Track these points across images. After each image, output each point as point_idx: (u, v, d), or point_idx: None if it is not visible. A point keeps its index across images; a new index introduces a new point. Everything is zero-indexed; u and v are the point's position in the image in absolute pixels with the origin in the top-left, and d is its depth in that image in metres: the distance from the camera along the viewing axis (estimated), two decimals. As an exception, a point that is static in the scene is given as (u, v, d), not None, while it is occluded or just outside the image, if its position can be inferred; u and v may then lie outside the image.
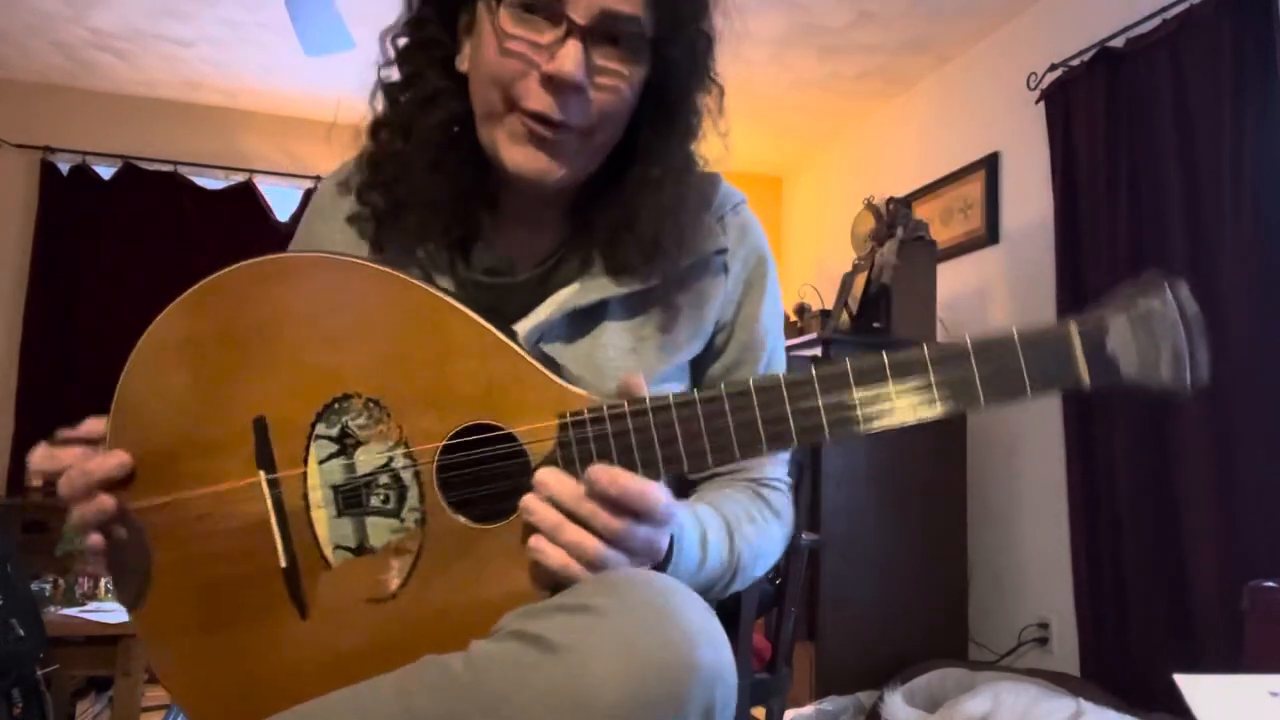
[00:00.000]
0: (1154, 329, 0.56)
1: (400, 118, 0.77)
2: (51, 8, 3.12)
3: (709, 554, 0.70)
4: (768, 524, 0.80)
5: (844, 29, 3.18)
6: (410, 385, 0.64)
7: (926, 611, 2.85)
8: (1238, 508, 2.13)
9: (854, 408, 0.58)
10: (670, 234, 0.75)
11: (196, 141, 3.88)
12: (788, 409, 0.59)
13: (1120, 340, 0.56)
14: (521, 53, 0.70)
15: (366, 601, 0.63)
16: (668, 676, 0.50)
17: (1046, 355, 0.57)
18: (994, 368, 0.57)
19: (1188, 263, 2.28)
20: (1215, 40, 2.24)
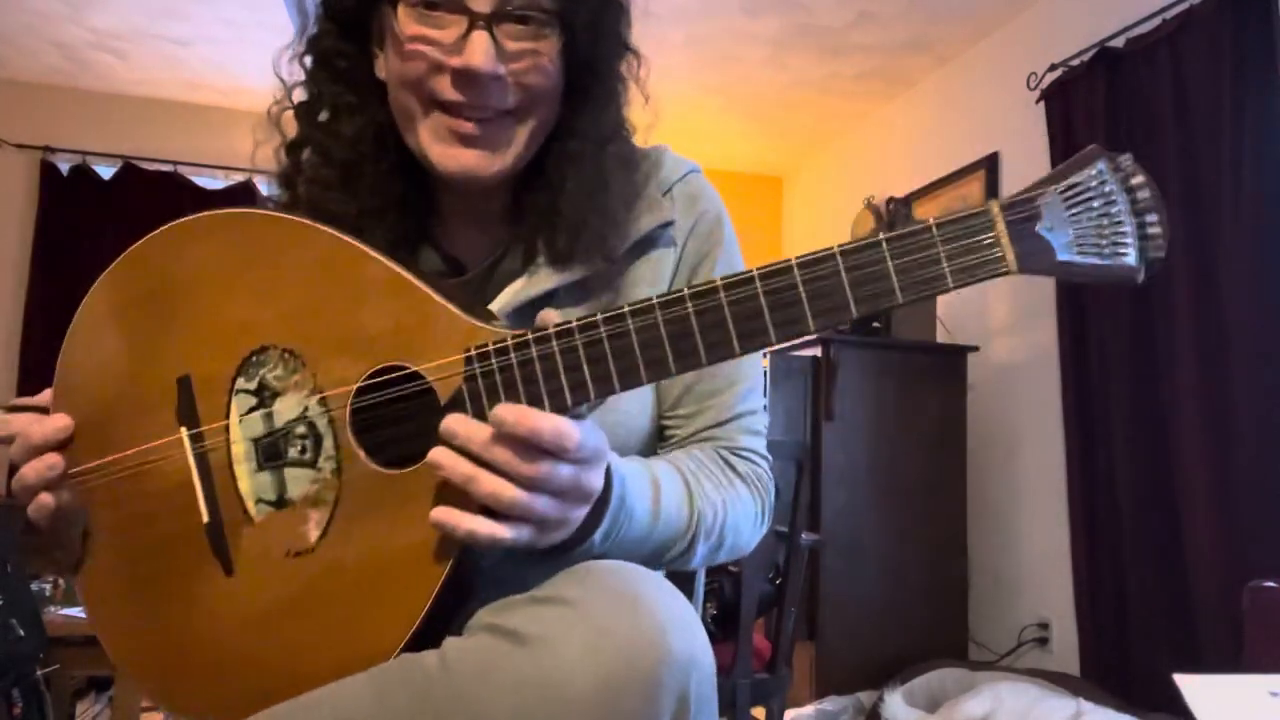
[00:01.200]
0: (1091, 203, 0.52)
1: (310, 135, 0.76)
2: (51, 8, 3.12)
3: (662, 506, 0.67)
4: (734, 489, 0.77)
5: (844, 29, 3.18)
6: (323, 332, 0.63)
7: (926, 611, 2.85)
8: (1238, 508, 2.13)
9: (762, 314, 0.54)
10: (596, 209, 0.73)
11: (196, 141, 3.88)
12: (694, 324, 0.55)
13: (1054, 219, 0.52)
14: (427, 52, 0.68)
15: (288, 555, 0.63)
16: (639, 664, 0.50)
17: (967, 240, 0.52)
18: (910, 258, 0.52)
19: (1188, 263, 2.28)
20: (1215, 40, 2.24)
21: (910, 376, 2.88)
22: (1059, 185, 0.52)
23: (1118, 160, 0.53)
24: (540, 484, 0.55)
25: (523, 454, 0.54)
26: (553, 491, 0.55)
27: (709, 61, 3.45)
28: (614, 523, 0.62)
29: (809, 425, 2.79)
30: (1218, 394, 2.19)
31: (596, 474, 0.58)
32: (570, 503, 0.57)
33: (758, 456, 0.82)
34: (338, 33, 0.75)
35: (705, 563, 0.77)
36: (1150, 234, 0.52)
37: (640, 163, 0.81)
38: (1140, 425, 2.40)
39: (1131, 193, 0.52)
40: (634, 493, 0.64)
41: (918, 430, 2.87)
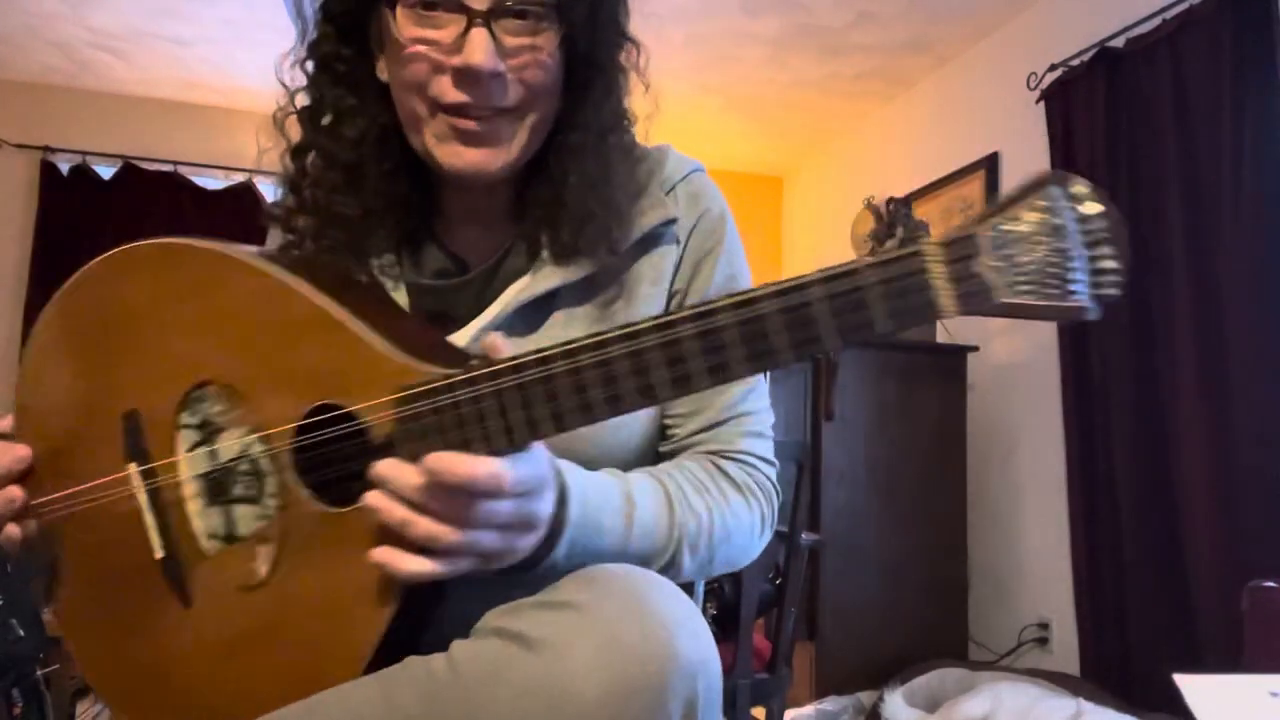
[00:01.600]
0: (1038, 237, 0.47)
1: (313, 139, 0.76)
2: (51, 8, 3.12)
3: (637, 520, 0.66)
4: (724, 498, 0.75)
5: (844, 29, 3.18)
6: (259, 369, 0.63)
7: (926, 611, 2.85)
8: (1238, 508, 2.13)
9: (685, 360, 0.51)
10: (600, 201, 0.73)
11: (196, 141, 3.88)
12: (619, 368, 0.52)
13: (997, 255, 0.47)
14: (428, 53, 0.68)
15: (241, 589, 0.63)
16: (648, 668, 0.50)
17: (901, 282, 0.48)
18: (841, 299, 0.49)
19: (1187, 262, 2.28)
20: (1215, 40, 2.24)
21: (910, 376, 2.88)
22: (1002, 218, 0.47)
23: (1072, 187, 0.48)
24: (478, 525, 0.55)
25: (457, 499, 0.54)
26: (493, 528, 0.55)
27: (709, 61, 3.45)
28: (574, 542, 0.61)
29: (809, 425, 2.79)
30: (1218, 394, 2.19)
31: (541, 502, 0.58)
32: (515, 534, 0.57)
33: (757, 460, 0.80)
34: (337, 36, 0.75)
35: (698, 575, 0.74)
36: (1103, 268, 0.47)
37: (642, 155, 0.81)
38: (1140, 425, 2.40)
39: (1085, 223, 0.47)
40: (602, 508, 0.64)
41: (918, 430, 2.87)
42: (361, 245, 0.76)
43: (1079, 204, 0.47)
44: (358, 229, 0.75)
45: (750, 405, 0.81)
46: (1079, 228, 0.47)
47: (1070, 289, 0.47)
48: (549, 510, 0.58)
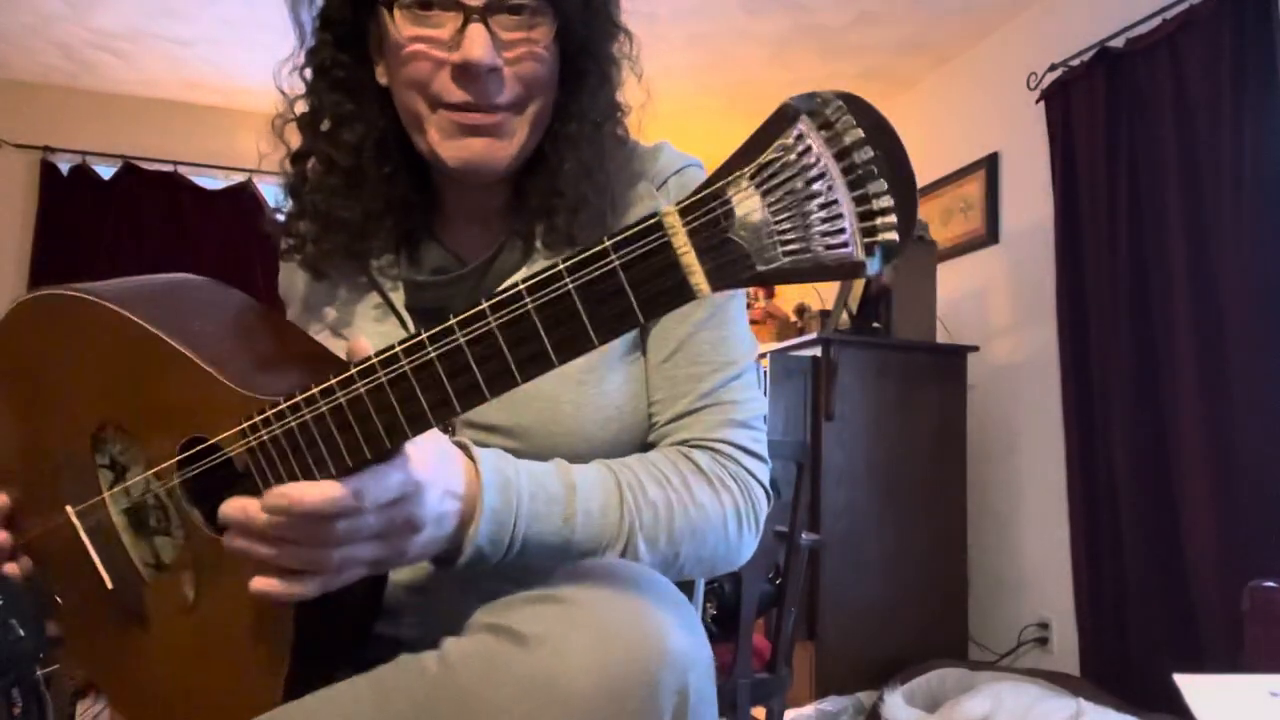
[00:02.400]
0: (791, 182, 0.39)
1: (313, 145, 0.78)
2: (51, 8, 3.12)
3: (578, 508, 0.64)
4: (689, 490, 0.71)
5: (844, 29, 3.18)
6: (139, 409, 0.65)
7: (926, 611, 2.85)
8: (1238, 508, 2.13)
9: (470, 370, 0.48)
10: (595, 188, 0.74)
11: (196, 141, 3.88)
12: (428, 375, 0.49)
13: (749, 214, 0.40)
14: (426, 51, 0.70)
15: (179, 612, 0.65)
16: (641, 663, 0.50)
17: (645, 261, 0.42)
18: (595, 289, 0.43)
19: (1188, 263, 2.28)
20: (1215, 40, 2.25)
21: (910, 376, 2.88)
22: (748, 168, 0.40)
23: (824, 111, 0.39)
24: (341, 543, 0.53)
25: (310, 527, 0.52)
26: (362, 541, 0.54)
27: (709, 61, 3.45)
28: (497, 531, 0.60)
29: (809, 425, 2.79)
30: (1218, 394, 2.19)
31: (416, 505, 0.55)
32: (395, 539, 0.56)
33: (736, 450, 0.75)
34: (334, 43, 0.76)
35: (666, 573, 0.68)
36: (875, 210, 0.39)
37: (637, 149, 0.82)
38: (1140, 425, 2.40)
39: (845, 157, 0.39)
40: (535, 495, 0.62)
41: (918, 430, 2.87)
42: (361, 247, 0.78)
43: (839, 133, 0.39)
44: (357, 231, 0.76)
45: (733, 394, 0.77)
46: (838, 165, 0.39)
47: (834, 242, 0.39)
48: (434, 509, 0.56)
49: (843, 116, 0.39)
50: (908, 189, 0.39)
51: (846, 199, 0.39)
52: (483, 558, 0.60)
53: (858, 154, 0.39)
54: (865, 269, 0.39)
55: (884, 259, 0.39)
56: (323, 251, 0.77)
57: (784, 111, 0.40)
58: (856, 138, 0.39)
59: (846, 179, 0.39)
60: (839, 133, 0.39)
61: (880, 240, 0.39)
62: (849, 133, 0.39)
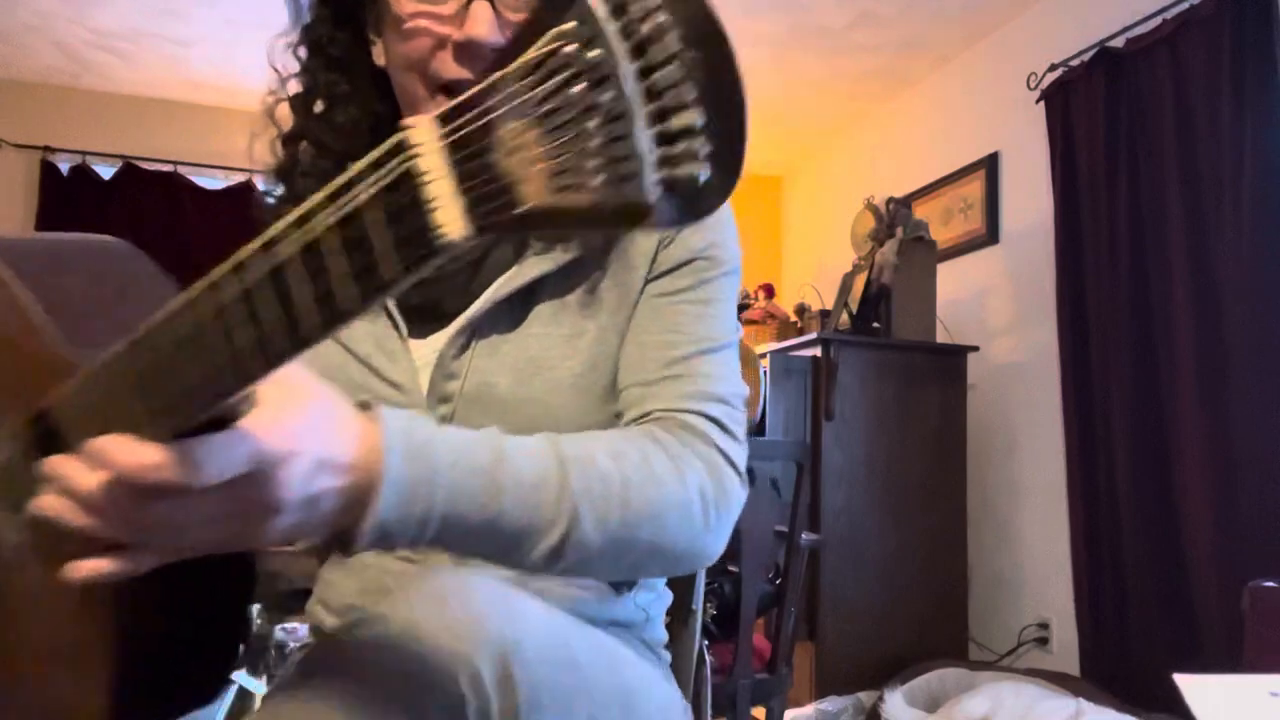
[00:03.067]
0: (568, 89, 0.28)
1: (305, 126, 0.74)
2: (52, 8, 3.12)
3: (509, 482, 0.55)
4: (648, 464, 0.61)
5: (844, 29, 3.18)
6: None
7: (926, 611, 2.85)
8: (1238, 508, 2.13)
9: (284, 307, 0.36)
10: None
11: (196, 141, 3.88)
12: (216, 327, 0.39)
13: (520, 128, 0.29)
14: (428, 28, 0.67)
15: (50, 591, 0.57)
16: (446, 650, 0.49)
17: (391, 194, 0.32)
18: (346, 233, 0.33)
19: (1188, 263, 2.28)
20: (1215, 40, 2.25)
21: (910, 376, 2.88)
22: (514, 65, 0.29)
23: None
24: (168, 524, 0.44)
25: (127, 496, 0.42)
26: (200, 522, 0.44)
27: (709, 61, 3.45)
28: (405, 510, 0.50)
29: (809, 425, 2.79)
30: (1218, 394, 2.19)
31: (274, 485, 0.45)
32: (246, 523, 0.46)
33: (706, 424, 0.67)
34: (332, 20, 0.74)
35: (617, 556, 0.61)
36: (675, 130, 0.28)
37: None
38: (1140, 425, 2.40)
39: (641, 53, 0.28)
40: (455, 465, 0.53)
41: (918, 430, 2.87)
42: None
43: (628, 20, 0.28)
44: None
45: (709, 366, 0.70)
46: (633, 65, 0.28)
47: (622, 172, 0.28)
48: (300, 488, 0.46)
49: (641, 2, 0.28)
50: (728, 103, 0.28)
51: (639, 113, 0.28)
52: (388, 538, 0.51)
53: (659, 48, 0.28)
54: (651, 215, 0.28)
55: (685, 204, 0.28)
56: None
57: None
58: (658, 26, 0.28)
59: (642, 84, 0.28)
60: (635, 19, 0.28)
61: (679, 175, 0.28)
62: (651, 18, 0.28)
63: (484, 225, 0.30)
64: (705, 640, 1.00)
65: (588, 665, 0.56)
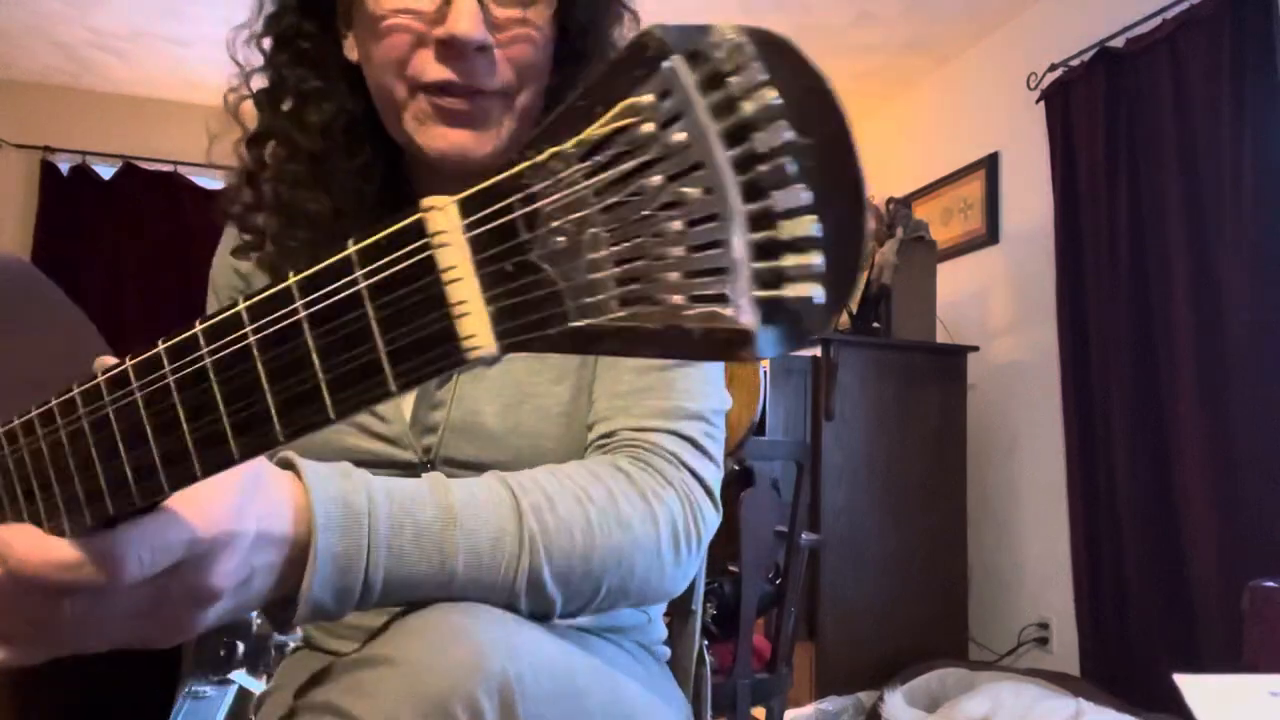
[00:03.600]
0: (646, 177, 0.22)
1: (274, 126, 0.69)
2: (52, 7, 3.12)
3: (461, 546, 0.51)
4: (616, 503, 0.58)
5: (844, 29, 3.18)
6: None
7: (926, 611, 2.85)
8: (1238, 508, 2.13)
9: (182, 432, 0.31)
10: None
11: (196, 141, 3.88)
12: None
13: (564, 229, 0.23)
14: (407, 24, 0.61)
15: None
16: (454, 689, 0.44)
17: (401, 285, 0.26)
18: (335, 333, 0.28)
19: (1188, 263, 2.28)
20: (1215, 40, 2.25)
21: (910, 376, 2.88)
22: (570, 142, 0.23)
23: (713, 55, 0.22)
24: (78, 621, 0.38)
25: (29, 596, 0.37)
26: (119, 617, 0.39)
27: (709, 61, 3.45)
28: (342, 584, 0.47)
29: (809, 425, 2.79)
30: (1218, 394, 2.19)
31: (205, 573, 0.40)
32: (173, 614, 0.41)
33: (679, 444, 0.63)
34: (298, 9, 0.68)
35: (583, 605, 0.58)
36: (785, 240, 0.22)
37: None
38: (1140, 425, 2.40)
39: (742, 139, 0.22)
40: (399, 529, 0.49)
41: (918, 430, 2.87)
42: (330, 247, 0.70)
43: (728, 96, 0.22)
44: (326, 229, 0.67)
45: (683, 380, 0.66)
46: (729, 152, 0.21)
47: (712, 291, 0.22)
48: (234, 573, 0.42)
49: (748, 68, 0.21)
50: (850, 208, 0.22)
51: (737, 215, 0.22)
52: (325, 612, 0.48)
53: (766, 135, 0.21)
54: (753, 345, 0.22)
55: (790, 330, 0.22)
56: (286, 250, 0.67)
57: (642, 46, 0.22)
58: (766, 107, 0.21)
59: (741, 178, 0.22)
60: (736, 96, 0.21)
61: (787, 297, 0.22)
62: (755, 95, 0.21)
63: (516, 342, 0.24)
64: (705, 640, 1.00)
65: (591, 694, 0.54)
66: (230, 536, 0.41)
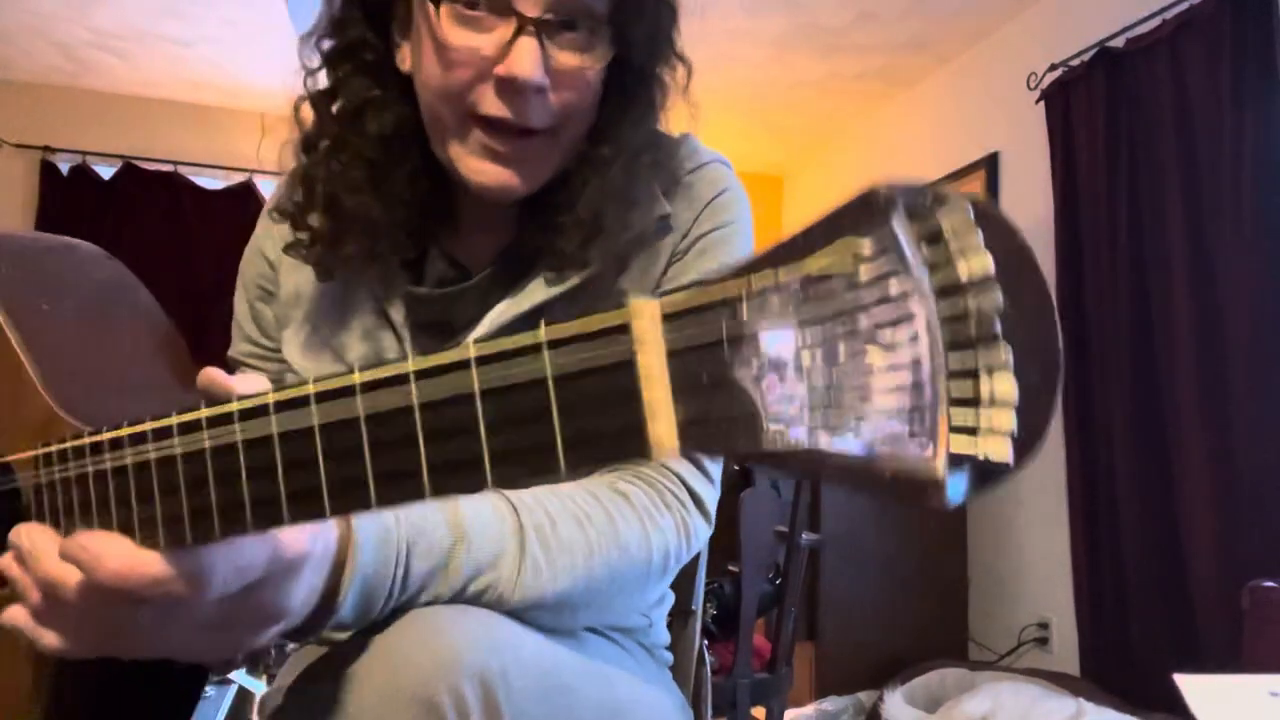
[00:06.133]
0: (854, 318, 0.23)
1: (332, 131, 0.70)
2: (51, 8, 3.12)
3: (466, 565, 0.52)
4: (615, 527, 0.60)
5: (844, 29, 3.18)
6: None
7: (926, 611, 2.85)
8: (1238, 508, 2.13)
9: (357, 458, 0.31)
10: (613, 212, 0.67)
11: (196, 141, 3.88)
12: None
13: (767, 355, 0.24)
14: (470, 60, 0.63)
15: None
16: (424, 676, 0.45)
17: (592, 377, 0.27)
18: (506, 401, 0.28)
19: (1188, 263, 2.28)
20: (1215, 40, 2.24)
21: (910, 376, 2.88)
22: (786, 275, 0.24)
23: (934, 215, 0.23)
24: (145, 631, 0.39)
25: (105, 601, 0.38)
26: (187, 629, 0.40)
27: (709, 61, 3.45)
28: (366, 604, 0.48)
29: (809, 425, 2.79)
30: (1217, 394, 2.19)
31: (283, 593, 0.41)
32: (239, 632, 0.42)
33: (680, 463, 0.65)
34: (364, 20, 0.70)
35: (580, 618, 0.60)
36: (982, 398, 0.23)
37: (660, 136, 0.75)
38: (1140, 425, 2.40)
39: (955, 297, 0.23)
40: (415, 550, 0.50)
41: (918, 430, 2.87)
42: (381, 252, 0.71)
43: (944, 255, 0.23)
44: (379, 235, 0.69)
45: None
46: (939, 307, 0.23)
47: (908, 432, 0.23)
48: (303, 591, 0.43)
49: (965, 231, 0.23)
50: (1048, 375, 0.22)
51: (939, 367, 0.22)
52: (341, 628, 0.49)
53: (978, 298, 0.22)
54: (942, 494, 0.23)
55: (975, 484, 0.23)
56: (342, 255, 0.70)
57: (870, 200, 0.23)
58: (981, 271, 0.22)
59: (948, 334, 0.23)
60: (952, 256, 0.23)
61: (979, 453, 0.22)
62: (971, 259, 0.22)
63: (703, 448, 0.25)
64: (705, 640, 1.00)
65: (579, 689, 0.54)
66: (304, 559, 0.41)
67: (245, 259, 0.82)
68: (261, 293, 0.81)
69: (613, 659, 0.66)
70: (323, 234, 0.71)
